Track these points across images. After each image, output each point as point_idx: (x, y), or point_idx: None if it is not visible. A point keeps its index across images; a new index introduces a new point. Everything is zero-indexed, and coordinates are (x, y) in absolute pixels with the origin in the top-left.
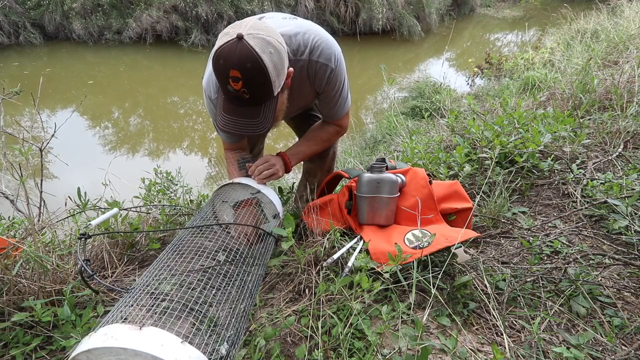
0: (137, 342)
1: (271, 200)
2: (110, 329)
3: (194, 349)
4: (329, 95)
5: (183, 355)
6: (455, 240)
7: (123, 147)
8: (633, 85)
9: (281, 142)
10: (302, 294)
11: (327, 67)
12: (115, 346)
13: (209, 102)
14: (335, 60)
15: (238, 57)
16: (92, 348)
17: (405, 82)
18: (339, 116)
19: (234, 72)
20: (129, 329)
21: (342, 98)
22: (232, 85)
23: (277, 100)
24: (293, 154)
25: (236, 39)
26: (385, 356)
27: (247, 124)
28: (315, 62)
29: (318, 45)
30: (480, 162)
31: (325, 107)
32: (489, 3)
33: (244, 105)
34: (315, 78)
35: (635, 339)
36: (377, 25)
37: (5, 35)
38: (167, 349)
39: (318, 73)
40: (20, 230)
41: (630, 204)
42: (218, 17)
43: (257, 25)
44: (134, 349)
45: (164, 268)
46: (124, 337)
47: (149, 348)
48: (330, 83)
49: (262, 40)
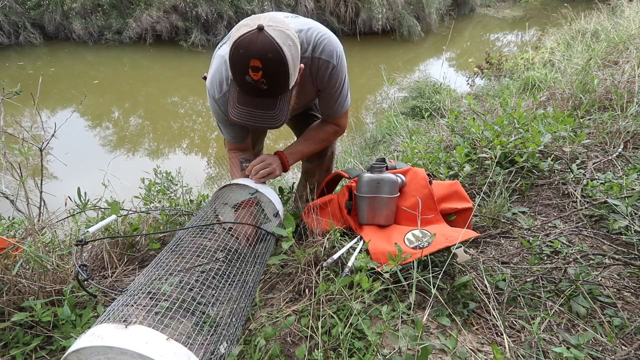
0: (123, 341)
1: (270, 200)
2: (98, 329)
3: (180, 345)
4: (330, 93)
5: (168, 352)
6: (456, 240)
7: (123, 147)
8: (633, 85)
9: (281, 142)
10: (302, 294)
11: (329, 64)
12: (102, 345)
13: (212, 102)
14: (337, 57)
15: (260, 47)
16: (81, 348)
17: (405, 82)
18: (338, 114)
19: (254, 61)
20: (115, 328)
21: (343, 96)
22: (251, 75)
23: (291, 94)
24: (291, 153)
25: (257, 29)
26: (385, 356)
27: (263, 116)
28: (318, 59)
29: (320, 42)
30: (480, 162)
31: (325, 104)
32: (489, 3)
33: (260, 96)
34: (317, 75)
35: (635, 339)
36: (377, 25)
37: (5, 35)
38: (152, 346)
39: (320, 70)
40: (20, 230)
41: (630, 204)
42: (218, 17)
43: (276, 18)
44: (120, 347)
45: (160, 268)
46: (109, 336)
47: (133, 346)
48: (332, 80)
49: (282, 32)
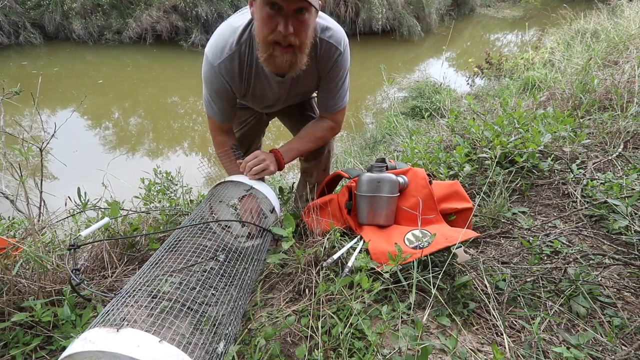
0: (114, 345)
1: (266, 196)
2: (90, 333)
3: (173, 347)
4: (332, 81)
5: (161, 355)
6: (456, 240)
7: (123, 147)
8: (633, 85)
9: (281, 142)
10: (302, 294)
11: (337, 49)
12: (94, 350)
13: (210, 69)
14: (344, 45)
15: None
16: (73, 353)
17: (405, 82)
18: (336, 108)
19: None
20: (106, 332)
21: (343, 89)
22: None
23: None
24: (286, 151)
25: None
26: (385, 356)
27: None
28: (326, 42)
29: (330, 27)
30: (480, 162)
31: (325, 96)
32: (489, 3)
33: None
34: (322, 58)
35: (635, 339)
36: (377, 25)
37: (5, 35)
38: (144, 349)
39: (326, 53)
40: (20, 230)
41: (630, 204)
42: (218, 17)
43: None
44: (112, 351)
45: (156, 268)
46: (101, 341)
47: (125, 350)
48: (336, 67)
49: None
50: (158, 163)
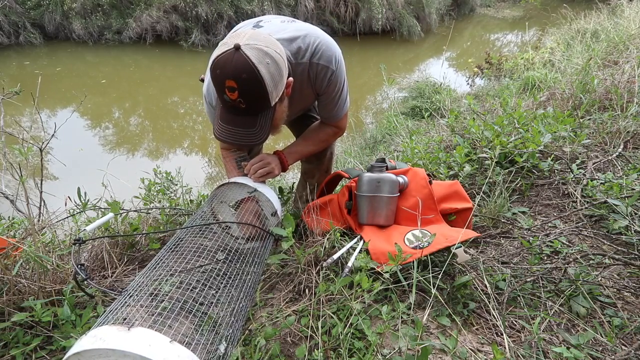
0: (125, 343)
1: (269, 199)
2: (100, 331)
3: (183, 348)
4: (329, 97)
5: (171, 355)
6: (456, 240)
7: (123, 147)
8: (633, 85)
9: (281, 142)
10: (302, 294)
11: (328, 69)
12: (104, 347)
13: (209, 108)
14: (336, 62)
15: (234, 68)
16: (82, 350)
17: (405, 82)
18: (338, 118)
19: (229, 82)
20: (117, 330)
21: (342, 99)
22: (228, 95)
23: (275, 110)
24: (290, 153)
25: (233, 49)
26: (385, 356)
27: (243, 134)
28: (317, 65)
29: (319, 48)
30: (480, 162)
31: (325, 108)
32: (489, 3)
33: (240, 114)
34: (316, 80)
35: (635, 339)
36: (376, 25)
37: (5, 35)
38: (155, 348)
39: (319, 75)
40: (20, 230)
41: (630, 204)
42: (218, 17)
43: (256, 36)
44: (122, 349)
45: (159, 268)
46: (112, 339)
47: (136, 348)
48: (331, 85)
49: (259, 51)
50: (158, 163)
